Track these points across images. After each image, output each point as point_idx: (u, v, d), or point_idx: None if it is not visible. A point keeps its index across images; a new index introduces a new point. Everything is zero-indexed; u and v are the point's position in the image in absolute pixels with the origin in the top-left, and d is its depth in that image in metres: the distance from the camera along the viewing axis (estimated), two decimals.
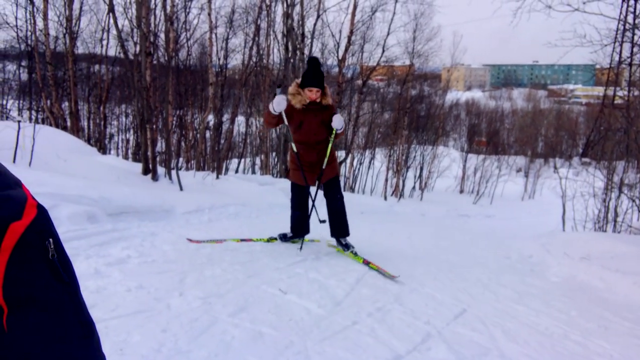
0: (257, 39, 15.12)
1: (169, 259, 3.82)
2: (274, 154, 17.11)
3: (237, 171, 16.70)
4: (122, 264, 3.53)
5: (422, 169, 24.60)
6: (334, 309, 3.08)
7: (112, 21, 8.99)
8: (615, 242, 5.24)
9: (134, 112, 13.37)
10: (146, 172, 7.99)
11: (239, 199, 7.19)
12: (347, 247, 4.54)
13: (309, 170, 4.56)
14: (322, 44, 16.14)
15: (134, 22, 8.59)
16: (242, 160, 19.05)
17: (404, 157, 22.58)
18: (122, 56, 13.13)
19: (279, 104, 4.22)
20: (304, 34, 13.97)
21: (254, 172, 18.14)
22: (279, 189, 8.68)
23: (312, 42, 15.06)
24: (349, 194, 14.68)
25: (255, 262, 3.98)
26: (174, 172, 7.93)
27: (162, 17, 10.67)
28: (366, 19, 16.39)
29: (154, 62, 9.21)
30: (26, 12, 14.34)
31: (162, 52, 12.49)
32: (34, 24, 13.84)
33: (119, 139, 21.25)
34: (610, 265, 4.60)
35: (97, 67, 16.98)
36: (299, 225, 4.75)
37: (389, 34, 17.52)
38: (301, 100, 4.35)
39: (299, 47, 13.60)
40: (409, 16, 21.26)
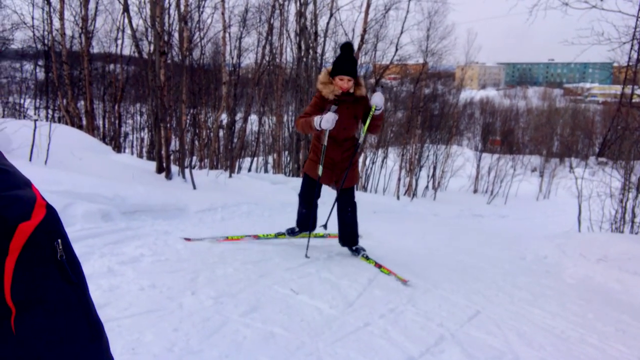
0: (270, 37, 15.16)
1: (181, 258, 3.84)
2: (287, 153, 17.13)
3: (249, 170, 16.76)
4: (136, 262, 3.55)
5: (435, 169, 24.42)
6: (346, 310, 3.06)
7: (126, 21, 9.05)
8: (632, 244, 5.14)
9: (148, 110, 13.48)
10: (160, 170, 8.05)
11: (252, 197, 7.20)
12: (358, 252, 4.41)
13: (328, 167, 4.22)
14: (335, 42, 16.06)
15: (148, 21, 8.65)
16: (255, 158, 19.12)
17: (417, 156, 22.44)
18: (136, 55, 13.29)
19: (327, 121, 3.78)
20: (317, 33, 13.95)
21: (266, 170, 18.20)
22: (291, 187, 8.67)
23: (325, 41, 15.04)
24: (361, 193, 14.63)
25: (267, 261, 3.98)
26: (187, 171, 7.97)
27: (176, 16, 10.73)
28: (379, 17, 16.30)
29: (168, 62, 9.27)
30: (43, 12, 14.55)
31: (176, 51, 12.56)
32: (51, 24, 14.03)
33: (133, 137, 21.46)
34: (627, 267, 4.52)
35: (112, 66, 17.18)
36: (305, 221, 4.57)
37: (402, 32, 17.40)
38: (333, 90, 3.96)
39: (311, 46, 13.59)
40: (423, 14, 21.16)
